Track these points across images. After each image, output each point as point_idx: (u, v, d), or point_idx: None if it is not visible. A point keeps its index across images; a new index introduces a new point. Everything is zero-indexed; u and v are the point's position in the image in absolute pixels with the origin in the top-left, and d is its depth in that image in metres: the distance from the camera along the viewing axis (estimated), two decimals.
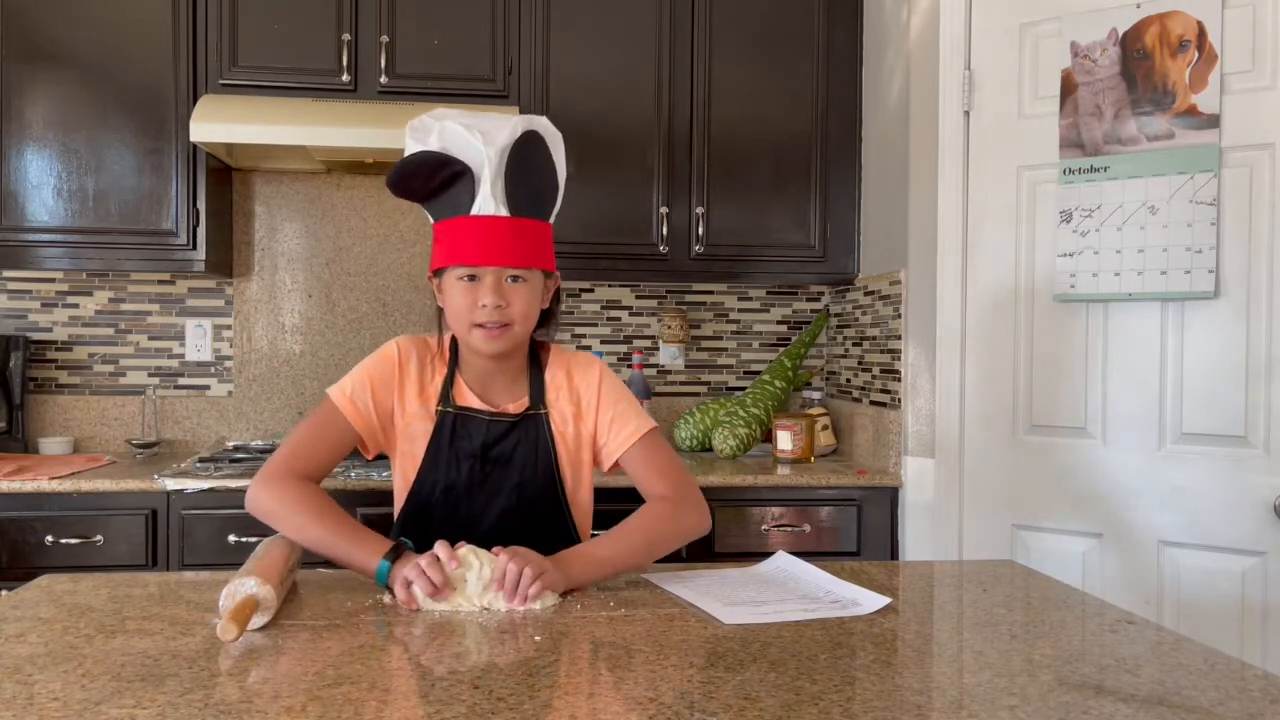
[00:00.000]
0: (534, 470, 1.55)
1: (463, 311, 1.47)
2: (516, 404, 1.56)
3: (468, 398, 1.55)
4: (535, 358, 1.60)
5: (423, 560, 1.30)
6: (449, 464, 1.53)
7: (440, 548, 1.32)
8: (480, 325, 1.46)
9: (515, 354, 1.56)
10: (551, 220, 1.52)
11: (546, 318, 1.58)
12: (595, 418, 1.58)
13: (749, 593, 1.38)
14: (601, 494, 1.69)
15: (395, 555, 1.35)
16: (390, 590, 1.33)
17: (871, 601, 1.32)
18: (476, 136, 1.43)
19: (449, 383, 1.55)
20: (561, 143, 1.53)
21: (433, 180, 1.44)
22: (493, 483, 1.54)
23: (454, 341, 1.58)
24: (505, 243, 1.44)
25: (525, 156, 1.45)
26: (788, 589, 1.40)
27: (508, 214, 1.44)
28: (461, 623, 1.24)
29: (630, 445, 1.56)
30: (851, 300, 3.01)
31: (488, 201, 1.43)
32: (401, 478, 1.58)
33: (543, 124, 1.50)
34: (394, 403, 1.55)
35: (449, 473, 1.53)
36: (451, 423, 1.53)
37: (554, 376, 1.59)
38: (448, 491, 1.54)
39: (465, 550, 1.32)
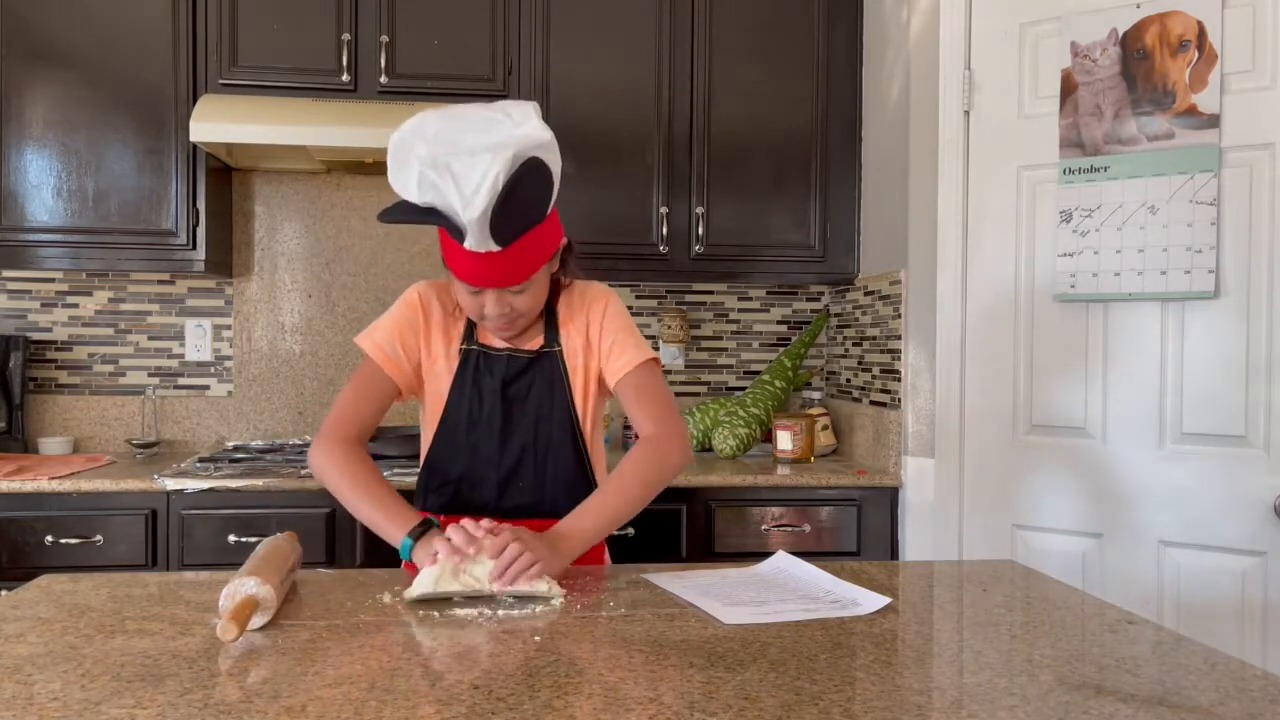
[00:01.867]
0: (550, 407, 1.60)
1: (470, 310, 1.53)
2: (532, 343, 1.61)
3: (489, 337, 1.60)
4: (550, 300, 1.63)
5: (454, 535, 1.33)
6: (472, 401, 1.58)
7: (468, 523, 1.36)
8: (487, 321, 1.53)
9: None
10: (550, 210, 1.49)
11: (562, 264, 1.61)
12: (599, 343, 1.62)
13: (749, 593, 1.38)
14: None
15: (420, 533, 1.39)
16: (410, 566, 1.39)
17: (871, 602, 1.32)
18: (454, 194, 1.35)
19: (471, 324, 1.60)
20: (553, 146, 1.44)
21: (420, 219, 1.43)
22: (513, 420, 1.59)
23: None
24: (501, 267, 1.43)
25: (512, 195, 1.37)
26: (788, 589, 1.40)
27: (499, 248, 1.41)
28: (462, 622, 1.24)
29: (625, 373, 1.59)
30: (851, 300, 3.01)
31: (476, 243, 1.40)
32: (427, 420, 1.63)
33: (531, 139, 1.39)
34: (420, 346, 1.60)
35: (473, 409, 1.58)
36: (475, 360, 1.59)
37: (567, 313, 1.64)
38: (471, 429, 1.58)
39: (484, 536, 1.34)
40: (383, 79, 2.71)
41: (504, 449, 1.59)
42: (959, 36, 2.43)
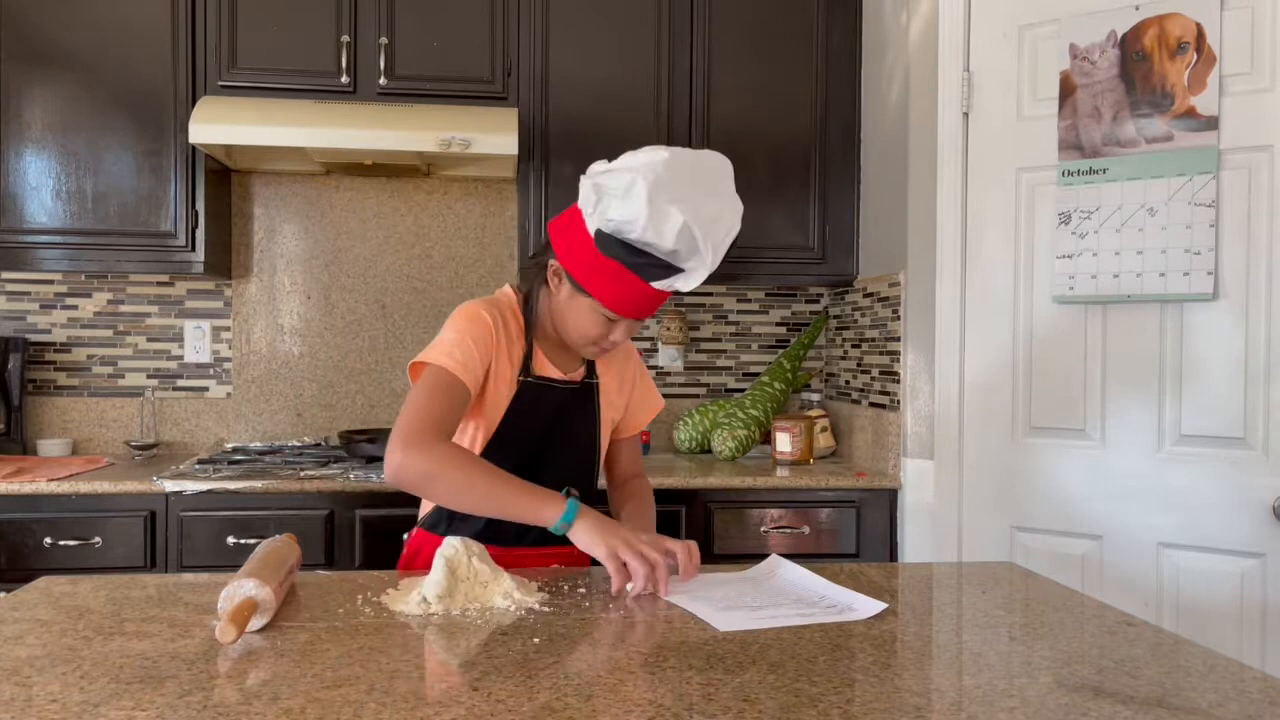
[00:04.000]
0: (583, 437, 1.65)
1: (588, 332, 1.53)
2: (576, 372, 1.64)
3: (546, 367, 1.61)
4: None
5: (652, 556, 1.36)
6: (523, 431, 1.59)
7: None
8: (597, 345, 1.56)
9: None
10: None
11: None
12: (630, 390, 1.74)
13: (745, 598, 1.37)
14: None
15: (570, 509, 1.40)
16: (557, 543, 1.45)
17: (867, 606, 1.32)
18: (707, 249, 1.42)
19: (528, 354, 1.59)
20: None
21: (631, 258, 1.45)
22: (555, 448, 1.62)
23: (526, 311, 1.60)
24: (660, 301, 1.51)
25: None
26: (783, 594, 1.39)
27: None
28: (461, 624, 1.23)
29: (638, 430, 1.78)
30: (850, 302, 3.01)
31: (681, 285, 1.47)
32: (475, 443, 1.58)
33: (738, 202, 1.51)
34: (492, 366, 1.55)
35: (524, 439, 1.59)
36: (532, 392, 1.59)
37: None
38: (519, 453, 1.58)
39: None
40: (382, 80, 2.71)
41: (535, 473, 1.56)
42: (958, 38, 2.43)
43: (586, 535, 1.38)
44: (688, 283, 1.46)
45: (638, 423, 1.77)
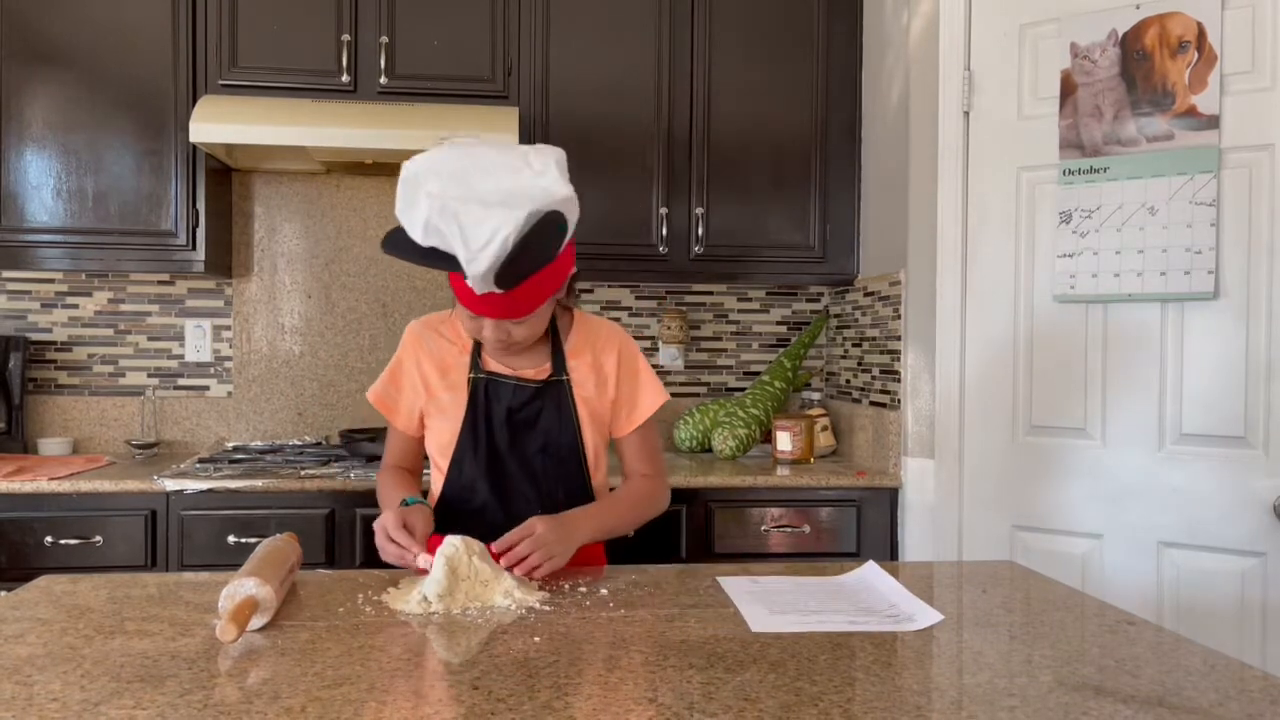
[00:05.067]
0: (559, 433, 1.63)
1: (469, 331, 1.54)
2: (538, 370, 1.62)
3: (493, 365, 1.62)
4: (553, 324, 1.64)
5: (392, 528, 1.42)
6: (483, 429, 1.60)
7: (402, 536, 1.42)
8: (490, 345, 1.54)
9: None
10: (561, 251, 1.44)
11: (568, 290, 1.62)
12: (614, 392, 1.67)
13: (811, 602, 1.34)
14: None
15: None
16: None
17: (926, 617, 1.28)
18: (459, 246, 1.31)
19: (476, 353, 1.62)
20: (572, 201, 1.40)
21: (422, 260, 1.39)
22: (520, 446, 1.62)
23: None
24: (503, 304, 1.41)
25: (520, 254, 1.33)
26: (849, 600, 1.36)
27: (501, 293, 1.39)
28: (462, 623, 1.23)
29: (636, 426, 1.70)
30: (851, 301, 3.01)
31: (477, 287, 1.37)
32: (434, 452, 1.67)
33: (549, 194, 1.35)
34: (419, 382, 1.64)
35: (486, 437, 1.60)
36: (484, 388, 1.60)
37: (575, 346, 1.65)
38: (488, 455, 1.61)
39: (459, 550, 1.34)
40: (382, 80, 2.71)
41: (513, 476, 1.61)
42: (959, 38, 2.43)
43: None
44: (479, 285, 1.35)
45: (633, 419, 1.68)
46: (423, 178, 1.34)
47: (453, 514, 1.62)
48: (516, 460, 1.61)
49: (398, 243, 1.39)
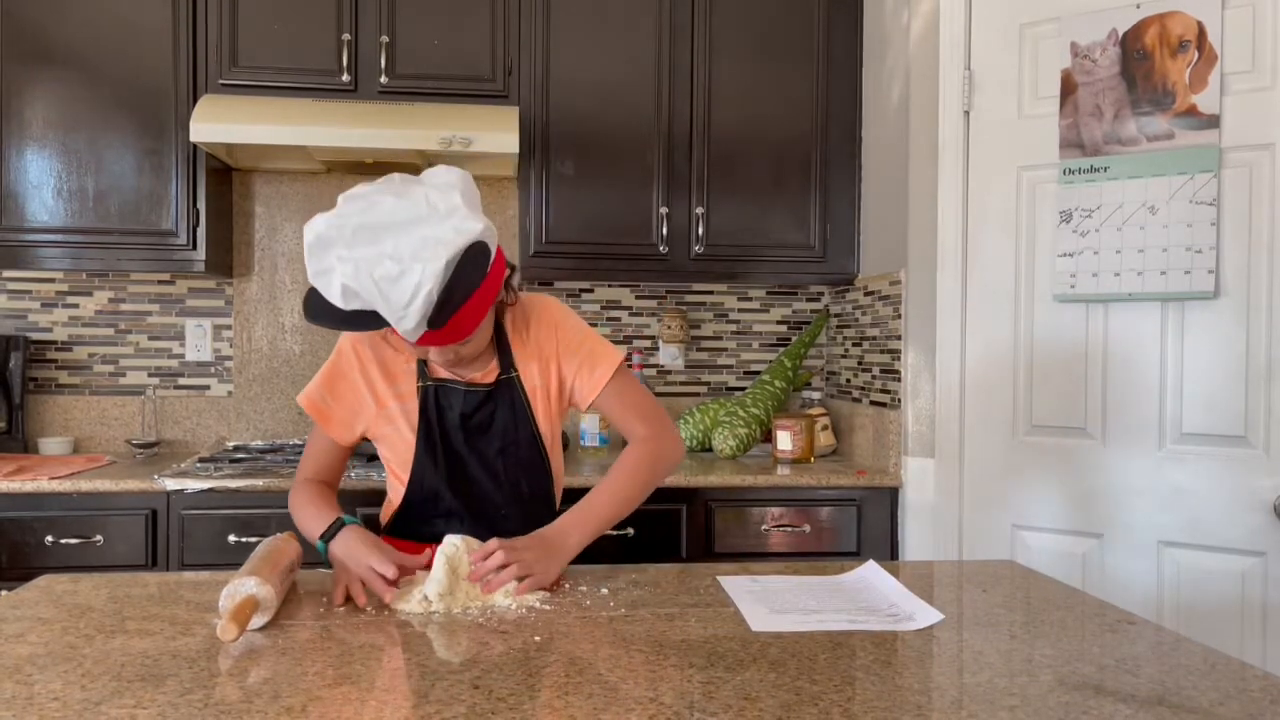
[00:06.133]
0: (515, 434, 1.59)
1: (415, 351, 1.52)
2: (486, 373, 1.58)
3: (440, 372, 1.58)
4: (498, 323, 1.59)
5: (370, 565, 1.33)
6: (441, 435, 1.57)
7: (385, 566, 1.33)
8: (438, 362, 1.52)
9: None
10: (488, 270, 1.40)
11: (505, 287, 1.56)
12: (558, 364, 1.61)
13: (811, 601, 1.34)
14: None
15: (332, 535, 1.42)
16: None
17: (926, 617, 1.28)
18: (383, 308, 1.31)
19: (423, 360, 1.57)
20: (489, 231, 1.37)
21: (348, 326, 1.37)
22: (479, 450, 1.58)
23: None
24: (442, 334, 1.39)
25: (448, 298, 1.32)
26: (849, 599, 1.37)
27: (430, 331, 1.37)
28: (462, 623, 1.24)
29: (603, 387, 1.60)
30: (851, 300, 3.01)
31: (410, 335, 1.36)
32: (389, 459, 1.62)
33: (461, 233, 1.31)
34: (360, 390, 1.58)
35: (444, 443, 1.57)
36: (434, 395, 1.57)
37: (517, 336, 1.61)
38: (448, 464, 1.58)
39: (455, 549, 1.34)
40: (383, 79, 2.71)
41: (476, 481, 1.58)
42: (959, 37, 2.43)
43: (333, 554, 1.41)
44: (407, 334, 1.35)
45: (595, 379, 1.58)
46: (328, 242, 1.30)
47: (417, 522, 1.60)
48: (477, 464, 1.58)
49: (319, 310, 1.35)
